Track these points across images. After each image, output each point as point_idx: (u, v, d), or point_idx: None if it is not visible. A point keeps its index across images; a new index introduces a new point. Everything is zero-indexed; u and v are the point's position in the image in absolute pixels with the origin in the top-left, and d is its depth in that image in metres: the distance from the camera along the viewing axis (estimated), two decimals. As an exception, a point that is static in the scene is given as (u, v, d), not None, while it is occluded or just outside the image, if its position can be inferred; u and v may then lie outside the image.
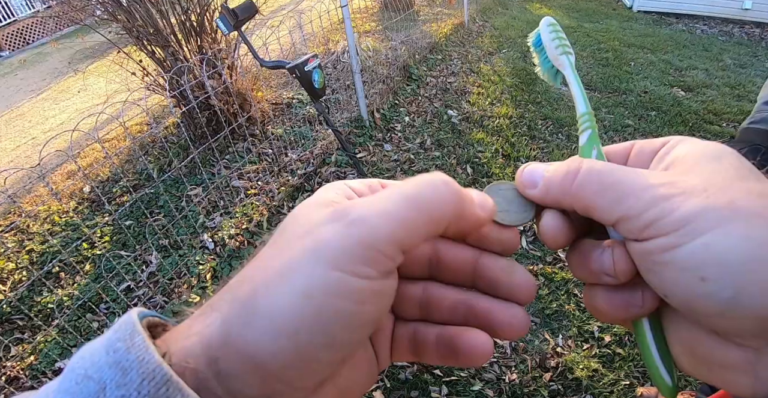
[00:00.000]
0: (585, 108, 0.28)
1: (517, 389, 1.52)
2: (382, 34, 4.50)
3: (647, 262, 0.21)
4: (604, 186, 0.21)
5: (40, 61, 6.53)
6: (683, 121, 2.98)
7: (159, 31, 2.60)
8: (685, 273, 0.19)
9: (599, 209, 0.21)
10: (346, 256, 0.18)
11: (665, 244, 0.19)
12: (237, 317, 0.18)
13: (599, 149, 0.27)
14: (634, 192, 0.21)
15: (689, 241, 0.19)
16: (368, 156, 2.71)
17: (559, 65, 0.30)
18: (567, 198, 0.23)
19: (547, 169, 0.24)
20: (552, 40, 0.30)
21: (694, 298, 0.19)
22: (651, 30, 5.04)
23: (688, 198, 0.19)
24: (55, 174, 3.09)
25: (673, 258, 0.19)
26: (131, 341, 0.17)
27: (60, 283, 2.07)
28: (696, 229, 0.19)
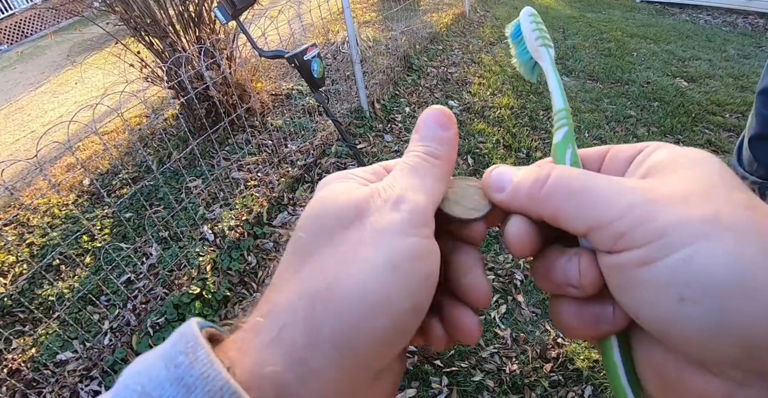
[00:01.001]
0: (562, 104, 0.26)
1: (517, 379, 1.52)
2: (383, 24, 4.46)
3: (618, 277, 0.19)
4: (573, 193, 0.20)
5: (38, 54, 6.50)
6: (686, 112, 2.95)
7: (157, 22, 2.58)
8: (661, 292, 0.17)
9: (568, 217, 0.20)
10: (408, 223, 0.20)
11: (639, 257, 0.17)
12: (323, 310, 0.18)
13: (574, 148, 0.25)
14: (606, 199, 0.19)
15: (667, 255, 0.17)
16: (368, 147, 2.69)
17: (538, 57, 0.29)
18: (534, 205, 0.21)
19: (516, 174, 0.23)
20: (532, 31, 0.29)
21: (670, 321, 0.17)
22: (654, 20, 4.98)
23: (667, 207, 0.17)
24: (54, 167, 3.08)
25: (647, 274, 0.17)
26: (194, 355, 0.16)
27: (60, 276, 2.07)
28: (675, 242, 0.16)
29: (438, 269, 0.20)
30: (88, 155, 3.14)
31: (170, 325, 1.73)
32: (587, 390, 1.47)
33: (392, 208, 0.20)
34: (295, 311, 0.18)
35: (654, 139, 2.68)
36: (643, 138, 2.71)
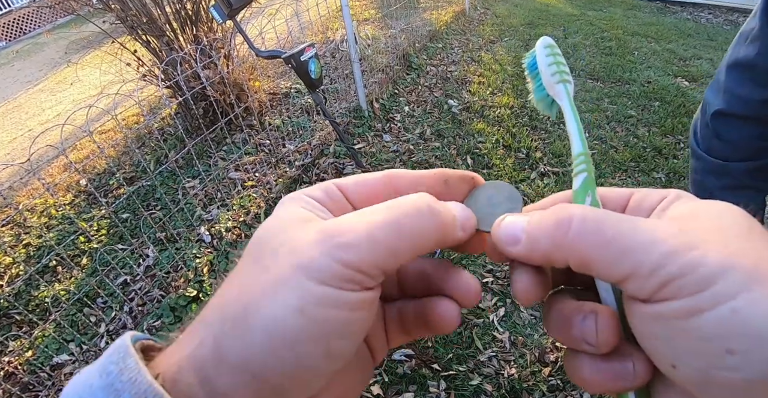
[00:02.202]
0: (581, 148, 0.25)
1: (515, 383, 1.51)
2: (382, 22, 4.43)
3: (657, 327, 0.18)
4: (605, 238, 0.18)
5: (36, 52, 6.46)
6: (687, 112, 2.93)
7: (153, 21, 2.56)
8: (708, 344, 0.16)
9: (601, 264, 0.18)
10: (334, 275, 0.18)
11: (685, 308, 0.16)
12: (230, 334, 0.18)
13: (594, 195, 0.23)
14: (643, 244, 0.17)
15: (716, 306, 0.16)
16: (367, 147, 2.67)
17: (555, 95, 0.26)
18: (559, 252, 0.19)
19: (528, 221, 0.21)
20: (548, 65, 0.26)
21: (714, 372, 0.16)
22: (655, 18, 4.95)
23: (710, 254, 0.16)
24: (51, 167, 3.07)
25: (693, 325, 0.16)
26: (124, 363, 0.17)
27: (57, 277, 2.05)
28: (723, 291, 0.16)
29: (365, 318, 0.19)
30: (85, 154, 3.12)
31: (167, 328, 1.72)
32: (586, 395, 1.46)
33: (329, 251, 0.19)
34: (209, 330, 0.19)
35: (654, 140, 2.67)
36: (644, 138, 2.70)
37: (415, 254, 0.20)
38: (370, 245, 0.19)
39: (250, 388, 0.17)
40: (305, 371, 0.18)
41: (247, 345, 0.17)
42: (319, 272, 0.18)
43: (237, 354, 0.17)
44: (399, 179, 0.24)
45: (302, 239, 0.19)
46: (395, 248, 0.19)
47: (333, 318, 0.18)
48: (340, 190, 0.24)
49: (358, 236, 0.19)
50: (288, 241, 0.20)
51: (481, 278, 1.84)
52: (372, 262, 0.19)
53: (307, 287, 0.18)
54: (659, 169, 2.47)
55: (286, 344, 0.17)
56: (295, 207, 0.22)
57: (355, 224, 0.20)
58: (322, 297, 0.18)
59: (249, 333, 0.18)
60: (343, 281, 0.18)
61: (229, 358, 0.17)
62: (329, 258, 0.18)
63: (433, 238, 0.20)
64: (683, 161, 2.51)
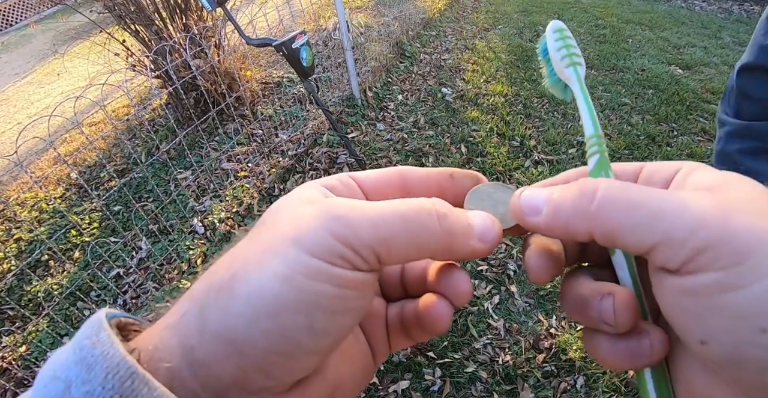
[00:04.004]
0: (594, 129, 0.25)
1: (510, 370, 1.52)
2: (375, 9, 4.38)
3: (687, 302, 0.17)
4: (633, 204, 0.17)
5: (23, 44, 6.34)
6: (681, 100, 2.93)
7: (142, 10, 2.51)
8: (742, 321, 0.15)
9: (629, 233, 0.17)
10: (326, 248, 0.18)
11: (719, 282, 0.15)
12: (214, 302, 0.18)
13: (608, 176, 0.23)
14: (675, 209, 0.16)
15: (753, 282, 0.15)
16: (360, 136, 2.65)
17: (566, 79, 0.26)
18: (583, 223, 0.19)
19: (552, 192, 0.20)
20: (558, 50, 0.26)
21: (746, 350, 0.15)
22: (649, 6, 4.93)
23: (745, 223, 0.15)
24: (41, 160, 3.03)
25: (728, 302, 0.15)
26: (96, 337, 0.17)
27: (49, 271, 2.04)
28: (760, 266, 0.15)
29: (357, 299, 0.19)
30: (74, 146, 3.08)
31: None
32: (580, 381, 1.47)
33: (323, 222, 0.18)
34: (195, 299, 0.18)
35: (649, 127, 2.67)
36: (638, 126, 2.70)
37: (412, 254, 0.19)
38: (369, 227, 0.18)
39: (232, 361, 0.17)
40: (288, 345, 0.17)
41: (230, 313, 0.17)
42: (311, 243, 0.18)
43: (220, 322, 0.17)
44: (410, 174, 0.24)
45: (303, 213, 0.19)
46: (393, 238, 0.19)
47: (320, 290, 0.18)
48: (355, 181, 0.24)
49: (358, 215, 0.19)
50: (287, 215, 0.20)
51: (476, 266, 1.84)
52: (367, 243, 0.18)
53: (296, 256, 0.18)
54: (653, 157, 2.47)
55: (270, 312, 0.17)
56: (306, 190, 0.22)
57: (360, 206, 0.19)
58: (311, 268, 0.17)
59: (233, 300, 0.17)
60: (335, 255, 0.18)
61: (212, 326, 0.17)
62: (324, 230, 0.18)
63: (434, 242, 0.20)
64: (677, 148, 2.51)
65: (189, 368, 0.17)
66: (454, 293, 0.22)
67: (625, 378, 1.46)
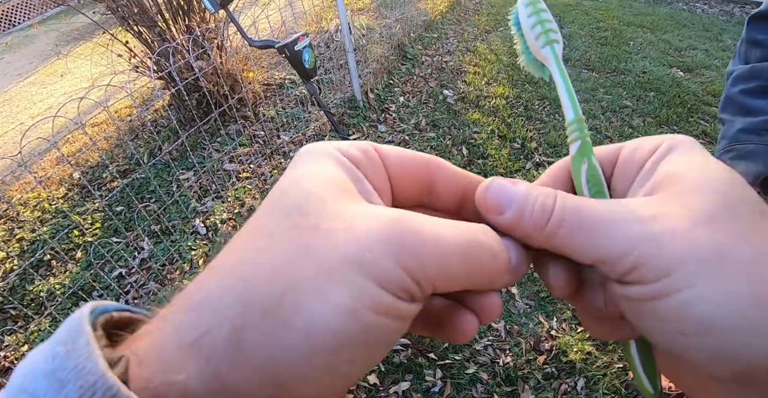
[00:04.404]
0: (573, 114, 0.23)
1: (511, 372, 1.52)
2: (376, 11, 4.39)
3: (628, 305, 0.19)
4: (579, 225, 0.19)
5: (26, 44, 6.37)
6: (682, 102, 2.94)
7: (145, 11, 2.52)
8: (666, 325, 0.18)
9: (574, 251, 0.19)
10: (392, 279, 0.16)
11: (647, 293, 0.18)
12: (256, 327, 0.15)
13: (590, 161, 0.23)
14: (610, 234, 0.18)
15: (671, 294, 0.17)
16: (362, 137, 2.66)
17: (543, 59, 0.24)
18: (538, 237, 0.20)
19: (517, 194, 0.20)
20: (532, 27, 0.23)
21: (675, 348, 0.18)
22: (651, 9, 4.93)
23: (671, 241, 0.17)
24: (43, 160, 3.04)
25: (653, 308, 0.18)
26: (73, 344, 0.14)
27: (52, 271, 2.04)
28: (678, 281, 0.17)
29: (405, 328, 0.18)
30: (77, 147, 3.09)
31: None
32: (580, 382, 1.48)
33: (395, 255, 0.16)
34: (225, 316, 0.15)
35: (650, 130, 2.67)
36: (639, 129, 2.70)
37: (460, 287, 0.19)
38: (436, 262, 0.17)
39: (266, 390, 0.15)
40: (337, 381, 0.16)
41: (278, 348, 0.15)
42: (379, 273, 0.16)
43: (263, 356, 0.15)
44: (439, 169, 0.23)
45: (359, 223, 0.17)
46: (454, 274, 0.18)
47: (383, 326, 0.16)
48: (380, 156, 0.22)
49: (428, 247, 0.17)
50: (340, 216, 0.17)
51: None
52: (431, 278, 0.17)
53: (363, 286, 0.16)
54: (654, 159, 2.47)
55: (328, 349, 0.15)
56: (330, 166, 0.20)
57: (426, 231, 0.17)
58: (377, 301, 0.16)
59: (284, 332, 0.15)
60: (400, 288, 0.16)
61: (251, 355, 0.15)
62: (393, 260, 0.16)
63: (483, 279, 0.20)
64: (678, 150, 2.52)
65: (210, 395, 0.15)
66: (486, 312, 0.22)
67: (625, 380, 1.46)
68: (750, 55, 0.78)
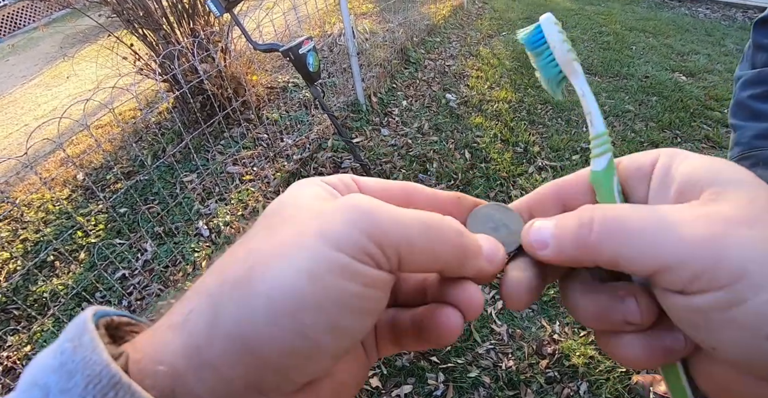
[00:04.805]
0: (603, 127, 0.24)
1: (513, 376, 1.52)
2: (380, 15, 4.41)
3: (694, 317, 0.18)
4: (630, 234, 0.18)
5: (31, 47, 6.41)
6: (684, 107, 2.94)
7: (150, 14, 2.54)
8: (747, 332, 0.16)
9: (628, 262, 0.18)
10: (352, 243, 0.17)
11: (721, 300, 0.16)
12: (228, 298, 0.16)
13: (617, 176, 0.23)
14: (668, 236, 0.17)
15: (752, 297, 0.16)
16: (365, 141, 2.67)
17: (570, 73, 0.25)
18: (587, 254, 0.19)
19: (555, 224, 0.21)
20: (562, 42, 0.25)
21: (754, 355, 0.17)
22: (653, 13, 4.95)
23: (737, 241, 0.16)
24: (48, 162, 3.05)
25: (732, 316, 0.16)
26: (79, 341, 0.16)
27: (55, 272, 2.05)
28: (755, 282, 0.16)
29: (378, 299, 0.18)
30: (81, 149, 3.11)
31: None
32: (583, 387, 1.47)
33: (351, 217, 0.18)
34: (205, 295, 0.17)
35: (652, 134, 2.67)
36: (641, 133, 2.70)
37: (428, 262, 0.19)
38: (396, 225, 0.18)
39: (243, 362, 0.16)
40: (306, 345, 0.16)
41: (246, 311, 0.16)
42: (338, 238, 0.17)
43: (234, 320, 0.16)
44: (416, 192, 0.24)
45: (325, 207, 0.19)
46: (415, 241, 0.18)
47: (344, 288, 0.17)
48: (358, 186, 0.23)
49: (386, 213, 0.18)
50: (307, 210, 0.19)
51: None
52: (393, 242, 0.18)
53: (321, 251, 0.17)
54: (656, 163, 2.48)
55: (291, 311, 0.16)
56: (313, 187, 0.21)
57: (384, 204, 0.19)
58: (337, 264, 0.17)
59: (250, 296, 0.16)
60: (362, 252, 0.17)
61: (224, 325, 0.16)
62: (352, 225, 0.17)
63: (450, 254, 0.20)
64: (680, 155, 2.52)
65: (194, 371, 0.16)
66: (466, 305, 0.22)
67: (628, 384, 1.46)
68: (756, 60, 0.79)
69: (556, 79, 0.26)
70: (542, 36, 0.26)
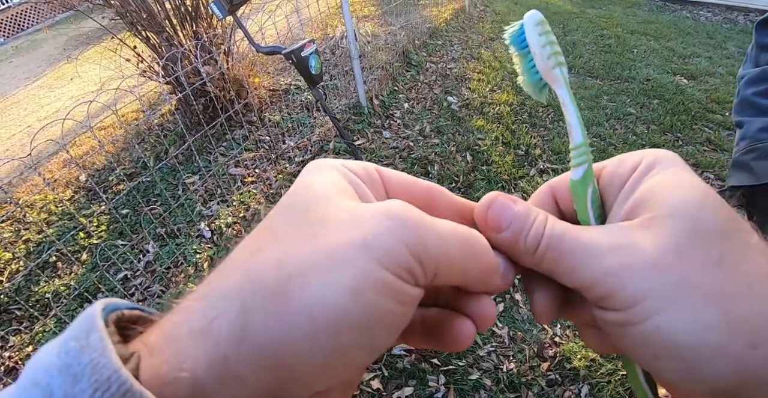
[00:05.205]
0: (581, 138, 0.24)
1: (514, 378, 1.52)
2: (382, 18, 4.43)
3: (606, 328, 0.21)
4: (562, 254, 0.21)
5: (35, 48, 6.44)
6: (685, 110, 2.94)
7: (153, 17, 2.55)
8: (640, 349, 0.19)
9: (560, 276, 0.21)
10: (396, 259, 0.17)
11: (620, 319, 0.19)
12: (262, 309, 0.15)
13: (594, 185, 0.23)
14: (587, 263, 0.20)
15: (641, 321, 0.18)
16: (367, 143, 2.68)
17: (551, 81, 0.24)
18: (528, 259, 0.22)
19: (518, 213, 0.22)
20: (542, 47, 0.23)
21: (650, 369, 0.20)
22: (654, 16, 4.96)
23: (639, 272, 0.19)
24: (51, 163, 3.06)
25: (627, 333, 0.19)
26: (86, 339, 0.14)
27: (57, 273, 2.06)
28: (646, 309, 0.18)
29: (410, 315, 0.18)
30: (84, 150, 3.12)
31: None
32: (584, 389, 1.47)
33: (396, 232, 0.17)
34: (234, 299, 0.16)
35: (653, 137, 2.68)
36: (643, 136, 2.71)
37: (458, 278, 0.20)
38: (438, 240, 0.18)
39: (270, 374, 0.15)
40: (339, 361, 0.16)
41: (281, 326, 0.15)
42: (382, 253, 0.16)
43: (267, 335, 0.15)
44: (439, 194, 0.24)
45: (363, 212, 0.18)
46: (454, 259, 0.19)
47: (383, 307, 0.16)
48: (381, 179, 0.23)
49: (428, 226, 0.18)
50: (344, 210, 0.18)
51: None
52: (433, 258, 0.18)
53: (366, 267, 0.16)
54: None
55: (330, 328, 0.15)
56: (335, 175, 0.21)
57: (427, 217, 0.18)
58: (380, 283, 0.16)
59: (287, 311, 0.15)
60: (404, 268, 0.17)
61: (256, 336, 0.15)
62: (396, 239, 0.17)
63: (478, 271, 0.20)
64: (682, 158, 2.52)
65: (217, 380, 0.15)
66: (481, 318, 0.22)
67: (629, 387, 1.46)
68: (760, 59, 0.81)
69: (539, 85, 0.25)
70: None
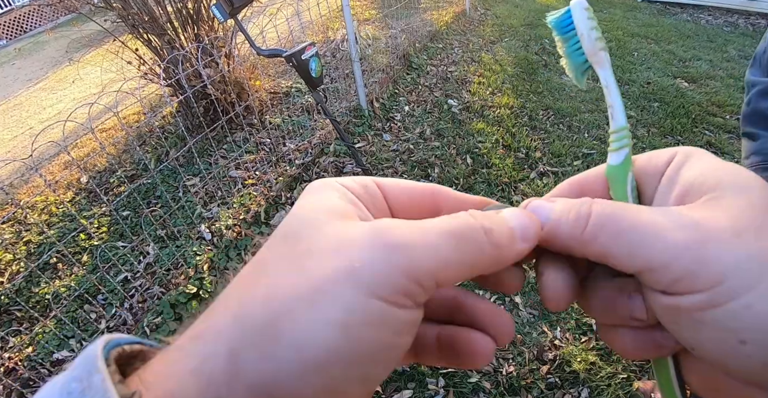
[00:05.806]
0: (624, 121, 0.24)
1: (514, 381, 1.52)
2: (382, 22, 4.44)
3: (675, 316, 0.18)
4: (621, 232, 0.18)
5: (37, 50, 6.47)
6: (686, 113, 2.94)
7: (155, 19, 2.56)
8: (722, 334, 0.17)
9: (617, 259, 0.19)
10: (387, 284, 0.16)
11: (700, 302, 0.17)
12: (252, 346, 0.15)
13: (633, 171, 0.23)
14: (657, 239, 0.18)
15: (729, 301, 0.16)
16: (367, 146, 2.68)
17: (597, 63, 0.24)
18: (578, 246, 0.20)
19: (553, 209, 0.21)
20: (590, 30, 0.24)
21: (729, 358, 0.17)
22: (655, 20, 4.97)
23: (722, 247, 0.17)
24: (52, 165, 3.07)
25: (708, 317, 0.17)
26: (88, 381, 0.14)
27: (58, 274, 2.06)
28: (735, 286, 0.16)
29: (408, 343, 0.18)
30: (85, 152, 3.13)
31: (167, 325, 1.72)
32: (584, 393, 1.47)
33: (384, 255, 0.16)
34: (224, 340, 0.16)
35: (654, 140, 2.68)
36: (643, 139, 2.71)
37: (466, 274, 0.18)
38: (431, 252, 0.17)
39: None
40: (333, 397, 0.16)
41: (271, 364, 0.15)
42: (371, 280, 0.16)
43: (258, 373, 0.15)
44: (444, 195, 0.23)
45: (349, 237, 0.17)
46: (452, 261, 0.17)
47: (377, 339, 0.16)
48: (380, 189, 0.22)
49: (418, 240, 0.17)
50: (330, 237, 0.17)
51: (480, 277, 1.85)
52: (430, 271, 0.17)
53: (353, 299, 0.16)
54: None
55: (320, 365, 0.15)
56: (331, 196, 0.20)
57: (412, 227, 0.18)
58: (371, 314, 0.16)
59: (276, 348, 0.15)
60: (398, 293, 0.16)
61: (246, 376, 0.15)
62: (385, 264, 0.16)
63: (486, 259, 0.19)
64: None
65: None
66: (499, 333, 0.22)
67: (629, 390, 1.46)
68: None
69: (582, 68, 0.25)
70: (572, 21, 0.24)
